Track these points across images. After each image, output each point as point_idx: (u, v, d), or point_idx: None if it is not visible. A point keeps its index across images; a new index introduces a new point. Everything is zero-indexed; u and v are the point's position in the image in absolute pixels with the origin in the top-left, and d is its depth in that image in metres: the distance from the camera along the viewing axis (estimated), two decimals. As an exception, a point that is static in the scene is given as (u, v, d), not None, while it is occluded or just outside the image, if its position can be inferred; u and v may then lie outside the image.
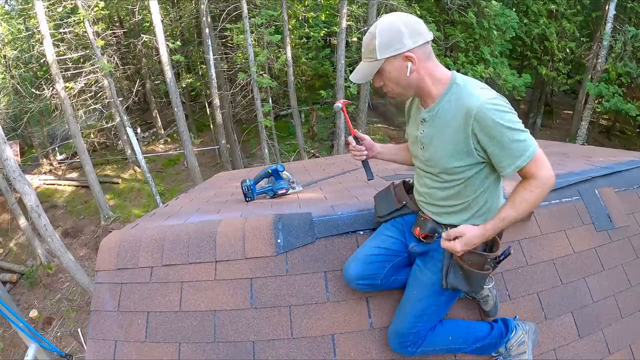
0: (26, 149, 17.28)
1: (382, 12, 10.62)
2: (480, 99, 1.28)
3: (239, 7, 10.23)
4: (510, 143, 1.28)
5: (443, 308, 1.62)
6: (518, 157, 1.29)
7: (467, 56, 11.55)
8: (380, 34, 1.34)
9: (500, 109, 1.28)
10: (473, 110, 1.28)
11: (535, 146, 1.30)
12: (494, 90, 1.34)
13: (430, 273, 1.56)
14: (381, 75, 1.40)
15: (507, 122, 1.27)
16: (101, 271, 1.96)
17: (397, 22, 1.33)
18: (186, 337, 1.77)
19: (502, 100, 1.30)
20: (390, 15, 1.37)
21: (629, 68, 11.09)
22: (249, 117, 13.81)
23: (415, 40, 1.33)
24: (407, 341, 1.58)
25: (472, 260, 1.46)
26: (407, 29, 1.32)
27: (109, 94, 11.85)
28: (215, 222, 2.01)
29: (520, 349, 1.67)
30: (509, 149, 1.29)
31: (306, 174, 3.79)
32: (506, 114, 1.28)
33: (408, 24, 1.33)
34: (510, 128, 1.27)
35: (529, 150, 1.29)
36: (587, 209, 2.18)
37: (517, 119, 1.31)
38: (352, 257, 1.70)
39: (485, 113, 1.27)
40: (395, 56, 1.34)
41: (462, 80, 1.37)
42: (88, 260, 11.07)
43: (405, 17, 1.35)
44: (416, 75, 1.37)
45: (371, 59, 1.38)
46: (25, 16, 12.07)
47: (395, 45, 1.33)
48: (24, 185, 7.35)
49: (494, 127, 1.27)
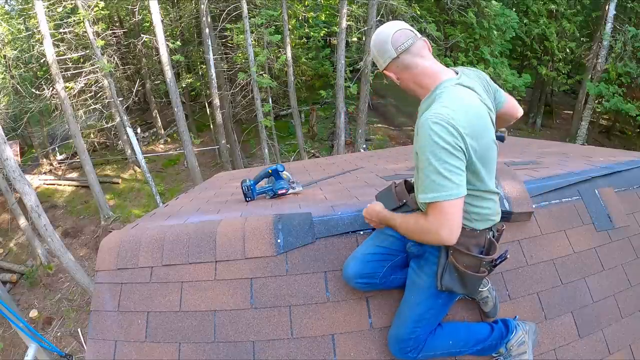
0: (26, 149, 17.28)
1: (382, 12, 10.62)
2: (429, 114, 1.28)
3: (239, 7, 10.23)
4: (422, 170, 1.28)
5: (441, 311, 1.62)
6: (421, 191, 1.29)
7: (467, 56, 11.56)
8: (371, 52, 1.53)
9: (437, 134, 1.23)
10: (420, 120, 1.31)
11: (446, 196, 1.24)
12: (457, 115, 1.26)
13: (426, 276, 1.56)
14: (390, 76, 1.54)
15: (432, 151, 1.24)
16: (101, 271, 1.96)
17: (372, 43, 1.48)
18: (186, 337, 1.77)
19: (447, 128, 1.23)
20: (375, 32, 1.48)
21: (629, 68, 11.09)
22: (249, 117, 13.82)
23: (384, 60, 1.45)
24: (408, 347, 1.58)
25: (467, 262, 1.46)
26: (377, 51, 1.46)
27: (109, 94, 11.86)
28: (215, 222, 2.01)
29: (521, 349, 1.67)
30: (421, 177, 1.29)
31: (306, 174, 3.79)
32: (438, 145, 1.23)
33: (376, 46, 1.46)
34: (431, 159, 1.24)
35: (434, 194, 1.25)
36: (587, 209, 2.18)
37: (446, 156, 1.23)
38: (351, 255, 1.71)
39: (423, 128, 1.27)
40: (385, 69, 1.49)
41: (441, 91, 1.37)
42: (88, 260, 11.07)
43: (376, 37, 1.46)
44: (404, 83, 1.49)
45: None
46: (25, 16, 12.08)
47: (378, 64, 1.51)
48: (24, 185, 7.35)
49: (421, 146, 1.27)
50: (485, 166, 1.40)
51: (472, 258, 1.46)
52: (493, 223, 1.51)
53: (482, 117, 1.37)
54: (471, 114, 1.32)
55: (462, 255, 1.46)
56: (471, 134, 1.29)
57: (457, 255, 1.47)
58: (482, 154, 1.35)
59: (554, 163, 2.73)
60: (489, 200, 1.47)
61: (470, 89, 1.41)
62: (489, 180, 1.45)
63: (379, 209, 1.65)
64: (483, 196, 1.45)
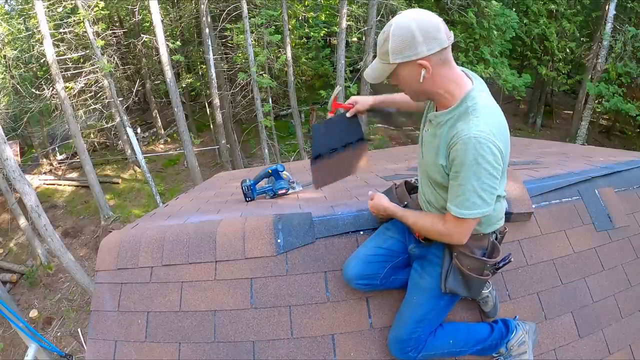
0: (26, 149, 17.27)
1: (382, 12, 10.62)
2: (473, 131, 1.22)
3: (239, 7, 10.23)
4: (460, 186, 1.27)
5: (442, 312, 1.62)
6: (454, 204, 1.30)
7: (467, 56, 11.55)
8: (393, 37, 1.25)
9: (482, 156, 1.21)
10: (461, 136, 1.24)
11: (476, 214, 1.28)
12: (498, 133, 1.24)
13: (429, 277, 1.55)
14: (395, 76, 1.35)
15: (476, 172, 1.23)
16: (101, 271, 1.96)
17: (412, 25, 1.23)
18: (186, 337, 1.76)
19: (491, 148, 1.21)
20: (406, 15, 1.26)
21: (629, 68, 11.09)
22: (249, 117, 13.81)
23: (429, 48, 1.24)
24: (408, 347, 1.58)
25: (471, 265, 1.46)
26: (422, 35, 1.23)
27: (109, 94, 11.85)
28: (215, 222, 2.01)
29: (521, 349, 1.67)
30: (456, 190, 1.29)
31: (306, 174, 3.79)
32: (481, 167, 1.22)
33: (423, 29, 1.23)
34: (472, 179, 1.24)
35: (467, 211, 1.28)
36: (587, 209, 2.18)
37: (487, 177, 1.24)
38: (352, 256, 1.71)
39: (467, 146, 1.22)
40: (409, 62, 1.27)
41: (474, 102, 1.28)
42: (88, 260, 11.07)
43: (422, 20, 1.24)
44: (430, 82, 1.30)
45: (384, 61, 1.31)
46: (25, 16, 12.06)
47: (409, 51, 1.25)
48: (24, 185, 7.35)
49: (464, 163, 1.23)
50: (505, 173, 1.39)
51: (476, 261, 1.46)
52: (499, 226, 1.51)
53: (507, 127, 1.33)
54: (504, 129, 1.29)
55: (466, 258, 1.46)
56: (506, 150, 1.29)
57: (461, 258, 1.47)
58: (505, 167, 1.35)
59: (554, 163, 2.73)
60: (498, 203, 1.47)
61: (489, 95, 1.37)
62: (504, 183, 1.45)
63: (386, 204, 1.63)
64: (497, 199, 1.44)
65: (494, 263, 1.48)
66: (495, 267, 1.50)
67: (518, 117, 16.92)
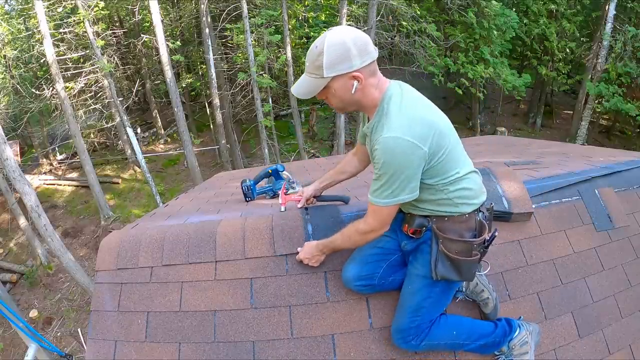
0: (26, 149, 17.26)
1: (382, 12, 10.62)
2: (384, 133, 1.31)
3: (239, 7, 10.23)
4: (377, 182, 1.38)
5: (440, 299, 1.62)
6: (372, 194, 1.42)
7: (467, 56, 11.56)
8: (328, 51, 1.31)
9: (395, 155, 1.30)
10: (378, 140, 1.33)
11: (385, 202, 1.38)
12: (409, 123, 1.32)
13: (420, 266, 1.57)
14: (326, 91, 1.41)
15: (385, 163, 1.32)
16: (101, 271, 1.96)
17: (347, 39, 1.31)
18: (186, 337, 1.77)
19: (401, 146, 1.29)
20: (338, 31, 1.34)
21: (629, 68, 11.08)
22: (249, 117, 13.81)
23: (363, 60, 1.33)
24: (409, 336, 1.59)
25: (457, 248, 1.47)
26: (356, 48, 1.31)
27: (109, 94, 11.85)
28: (215, 222, 2.01)
29: (523, 349, 1.67)
30: (375, 185, 1.39)
31: (306, 174, 3.79)
32: (395, 164, 1.31)
33: (357, 43, 1.32)
34: (391, 175, 1.33)
35: (382, 200, 1.39)
36: (587, 209, 2.18)
37: (406, 172, 1.32)
38: (349, 258, 1.73)
39: (380, 147, 1.31)
40: (343, 75, 1.34)
41: (388, 102, 1.38)
42: (88, 260, 11.07)
43: (354, 35, 1.33)
44: (360, 93, 1.39)
45: (317, 75, 1.36)
46: (25, 16, 12.06)
47: (344, 65, 1.32)
48: (24, 185, 7.35)
49: (384, 162, 1.32)
50: (452, 154, 1.41)
51: (462, 243, 1.47)
52: (479, 203, 1.51)
53: (425, 113, 1.37)
54: (418, 119, 1.33)
55: (451, 243, 1.47)
56: (431, 143, 1.33)
57: (446, 243, 1.48)
58: (447, 149, 1.38)
59: (554, 163, 2.73)
60: (467, 179, 1.47)
61: (406, 86, 1.45)
62: (462, 162, 1.47)
63: (313, 243, 1.73)
64: (461, 178, 1.45)
65: (481, 242, 1.49)
66: (483, 246, 1.51)
67: (518, 117, 16.92)
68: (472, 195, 1.48)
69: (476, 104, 14.56)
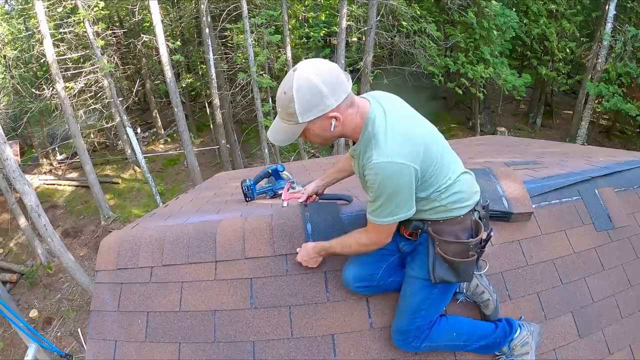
0: (26, 149, 17.26)
1: (382, 12, 10.62)
2: (374, 158, 1.29)
3: (239, 7, 10.22)
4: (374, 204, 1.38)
5: (439, 301, 1.62)
6: (371, 214, 1.41)
7: (467, 56, 11.55)
8: (298, 97, 1.24)
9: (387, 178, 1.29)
10: (368, 164, 1.32)
11: (393, 220, 1.38)
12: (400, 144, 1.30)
13: (418, 268, 1.57)
14: (305, 133, 1.37)
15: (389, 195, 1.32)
16: (101, 271, 1.96)
17: (314, 80, 1.23)
18: (186, 337, 1.77)
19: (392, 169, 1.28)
20: (305, 72, 1.25)
21: (629, 68, 11.07)
22: (249, 117, 13.81)
23: (337, 98, 1.27)
24: (409, 337, 1.59)
25: (454, 250, 1.47)
26: (327, 87, 1.24)
27: (109, 94, 11.85)
28: (215, 222, 2.01)
29: (524, 350, 1.67)
30: (372, 205, 1.39)
31: (306, 174, 3.79)
32: (388, 187, 1.30)
33: (326, 81, 1.24)
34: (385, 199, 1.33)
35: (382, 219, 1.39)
36: (587, 209, 2.18)
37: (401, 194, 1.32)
38: (349, 260, 1.73)
39: (372, 171, 1.30)
40: (319, 117, 1.29)
41: (373, 125, 1.34)
42: (88, 260, 11.07)
43: (321, 71, 1.25)
44: (340, 127, 1.34)
45: (291, 122, 1.31)
46: (25, 16, 12.07)
47: (318, 108, 1.26)
48: (24, 185, 7.35)
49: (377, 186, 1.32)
50: (442, 162, 1.40)
51: (458, 245, 1.47)
52: (473, 204, 1.50)
53: (412, 132, 1.34)
54: (407, 139, 1.31)
55: (447, 245, 1.47)
56: (421, 159, 1.32)
57: (443, 246, 1.48)
58: (436, 160, 1.37)
59: (554, 163, 2.73)
60: (458, 182, 1.46)
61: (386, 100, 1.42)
62: (452, 167, 1.46)
63: (311, 245, 1.72)
64: (453, 183, 1.45)
65: (477, 242, 1.48)
66: (480, 245, 1.50)
67: (518, 117, 16.92)
68: (465, 197, 1.48)
69: (476, 104, 14.56)
